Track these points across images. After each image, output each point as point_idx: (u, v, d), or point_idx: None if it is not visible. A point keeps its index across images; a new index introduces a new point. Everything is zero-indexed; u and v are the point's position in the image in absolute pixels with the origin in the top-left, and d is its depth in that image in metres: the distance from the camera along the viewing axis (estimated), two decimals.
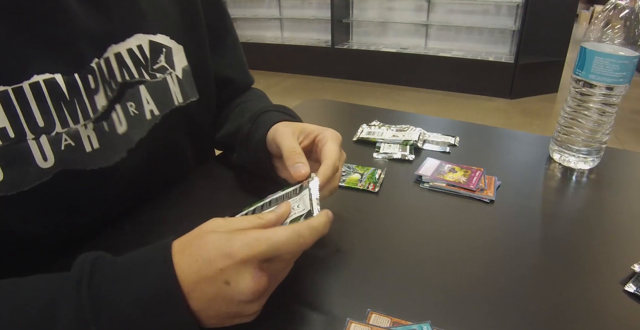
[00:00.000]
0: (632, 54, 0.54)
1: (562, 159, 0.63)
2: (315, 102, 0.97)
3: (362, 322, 0.36)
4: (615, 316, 0.37)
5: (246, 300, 0.30)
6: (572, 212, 0.54)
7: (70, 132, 0.39)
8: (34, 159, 0.37)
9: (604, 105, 0.58)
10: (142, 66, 0.48)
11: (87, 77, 0.40)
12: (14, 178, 0.36)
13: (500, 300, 0.39)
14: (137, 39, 0.47)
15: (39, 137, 0.37)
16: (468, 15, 3.36)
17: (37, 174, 0.37)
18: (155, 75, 0.50)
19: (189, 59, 0.54)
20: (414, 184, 0.58)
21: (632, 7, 0.53)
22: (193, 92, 0.55)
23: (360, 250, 0.45)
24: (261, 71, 3.96)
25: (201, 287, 0.30)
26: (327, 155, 0.43)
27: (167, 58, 0.51)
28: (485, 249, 0.46)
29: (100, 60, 0.42)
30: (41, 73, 0.36)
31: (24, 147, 0.36)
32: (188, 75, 0.54)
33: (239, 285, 0.30)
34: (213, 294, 0.30)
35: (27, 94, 0.35)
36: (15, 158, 0.35)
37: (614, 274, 0.41)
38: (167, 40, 0.51)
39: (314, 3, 3.85)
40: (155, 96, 0.50)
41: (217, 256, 0.30)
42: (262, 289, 0.30)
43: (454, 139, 0.71)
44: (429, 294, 0.39)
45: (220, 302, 0.30)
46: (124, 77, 0.46)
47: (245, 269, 0.30)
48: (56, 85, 0.37)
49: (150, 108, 0.49)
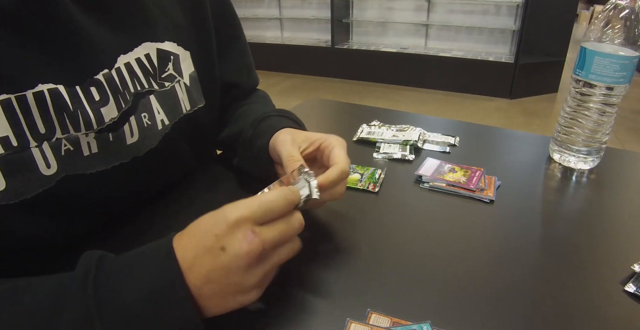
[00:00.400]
0: (632, 54, 0.54)
1: (562, 159, 0.63)
2: (315, 102, 0.97)
3: (362, 322, 0.36)
4: (615, 316, 0.37)
5: (242, 265, 0.30)
6: (572, 212, 0.54)
7: (70, 138, 0.39)
8: (37, 167, 0.37)
9: (604, 105, 0.58)
10: (151, 75, 0.47)
11: (90, 89, 0.40)
12: (17, 187, 0.35)
13: (500, 300, 0.39)
14: (144, 47, 0.46)
15: (41, 144, 0.36)
16: (468, 15, 3.36)
17: (41, 182, 0.37)
18: (164, 84, 0.49)
19: (195, 65, 0.54)
20: (414, 184, 0.58)
21: (632, 7, 0.53)
22: (200, 98, 0.55)
23: (360, 250, 0.45)
24: (261, 71, 3.94)
25: (200, 260, 0.30)
26: (336, 160, 0.43)
27: (175, 66, 0.50)
28: (485, 249, 0.46)
29: (112, 71, 0.42)
30: (45, 83, 0.36)
31: (28, 155, 0.36)
32: (195, 82, 0.54)
33: (234, 249, 0.30)
34: (211, 264, 0.30)
35: (30, 102, 0.35)
36: (18, 167, 0.35)
37: (614, 274, 0.41)
38: (175, 47, 0.50)
39: (314, 3, 3.85)
40: (165, 105, 0.49)
41: (212, 224, 0.31)
42: (256, 252, 0.30)
43: (454, 139, 0.71)
44: (429, 294, 0.39)
45: (219, 273, 0.30)
46: (136, 87, 0.45)
47: (239, 230, 0.30)
48: (59, 95, 0.37)
49: (161, 118, 0.49)
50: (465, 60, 3.29)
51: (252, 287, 0.32)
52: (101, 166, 0.42)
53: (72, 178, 0.40)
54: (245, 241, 0.30)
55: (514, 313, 0.37)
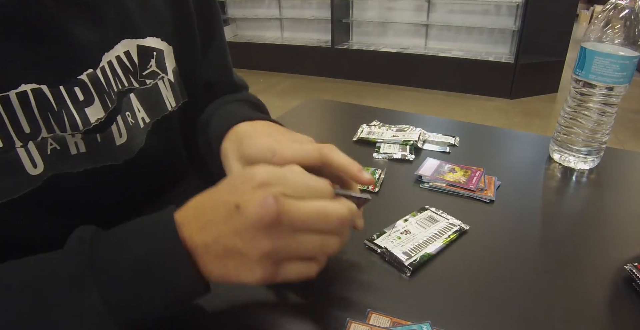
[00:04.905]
0: (632, 54, 0.54)
1: (562, 159, 0.63)
2: (315, 102, 0.97)
3: (362, 322, 0.36)
4: (615, 316, 0.37)
5: (250, 229, 0.28)
6: (572, 212, 0.54)
7: (56, 137, 0.38)
8: (23, 167, 0.36)
9: (604, 105, 0.58)
10: (131, 73, 0.46)
11: (74, 89, 0.39)
12: (3, 187, 0.35)
13: (500, 300, 0.39)
14: (124, 45, 0.45)
15: (26, 144, 0.36)
16: (468, 15, 3.36)
17: (28, 182, 0.37)
18: (145, 81, 0.48)
19: (177, 60, 0.53)
20: (414, 184, 0.58)
21: (632, 7, 0.53)
22: (183, 94, 0.55)
23: (360, 250, 0.45)
24: (261, 71, 3.96)
25: (215, 215, 0.29)
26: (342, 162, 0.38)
27: (158, 62, 0.49)
28: (485, 249, 0.46)
29: (97, 71, 0.41)
30: (29, 83, 0.35)
31: (13, 156, 0.35)
32: (177, 77, 0.53)
33: (247, 209, 0.28)
34: (223, 221, 0.29)
35: (13, 102, 0.34)
36: (4, 167, 0.35)
37: (614, 274, 0.41)
38: (158, 43, 0.49)
39: (314, 3, 3.85)
40: (145, 103, 0.48)
41: (239, 180, 0.30)
42: (267, 219, 0.27)
43: (454, 139, 0.71)
44: (429, 294, 0.39)
45: (226, 232, 0.28)
46: (118, 86, 0.44)
47: (260, 190, 0.28)
48: (43, 96, 0.36)
49: (142, 116, 0.48)
50: (465, 60, 3.29)
51: (255, 262, 0.29)
52: (89, 164, 0.42)
53: (60, 177, 0.39)
54: (260, 204, 0.27)
55: (513, 313, 0.37)
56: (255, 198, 0.28)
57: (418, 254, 0.43)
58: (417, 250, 0.44)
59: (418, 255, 0.43)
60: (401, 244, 0.45)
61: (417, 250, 0.44)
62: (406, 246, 0.44)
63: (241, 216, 0.28)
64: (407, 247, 0.44)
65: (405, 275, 0.41)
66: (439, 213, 0.50)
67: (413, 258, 0.43)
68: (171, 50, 0.52)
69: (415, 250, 0.44)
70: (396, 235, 0.46)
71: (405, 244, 0.45)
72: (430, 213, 0.50)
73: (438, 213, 0.50)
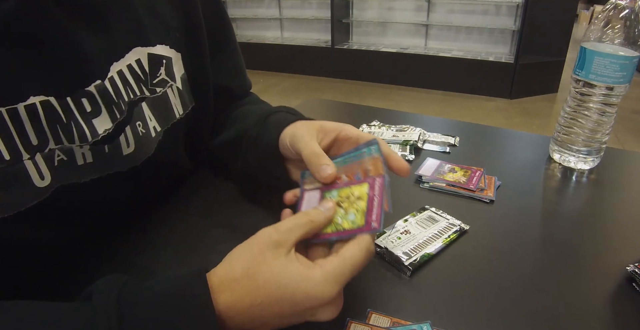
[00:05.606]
0: (632, 54, 0.54)
1: (562, 159, 0.63)
2: (315, 102, 0.97)
3: (362, 322, 0.36)
4: (615, 316, 0.37)
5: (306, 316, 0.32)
6: (572, 212, 0.54)
7: (63, 148, 0.38)
8: (31, 179, 0.36)
9: (604, 105, 0.58)
10: (142, 82, 0.46)
11: (81, 100, 0.38)
12: (10, 200, 0.35)
13: (500, 300, 0.39)
14: (135, 53, 0.45)
15: (34, 156, 0.36)
16: (468, 15, 3.37)
17: (35, 194, 0.36)
18: (155, 89, 0.48)
19: (185, 66, 0.52)
20: (414, 184, 0.58)
21: (632, 7, 0.53)
22: (191, 100, 0.54)
23: None
24: (261, 71, 3.97)
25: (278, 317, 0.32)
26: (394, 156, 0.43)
27: (167, 70, 0.49)
28: (485, 249, 0.46)
29: (105, 82, 0.40)
30: (37, 95, 0.35)
31: (20, 168, 0.35)
32: (185, 84, 0.53)
33: (323, 316, 0.32)
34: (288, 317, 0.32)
35: (22, 115, 0.34)
36: (11, 180, 0.34)
37: (614, 274, 0.41)
38: (167, 50, 0.49)
39: (314, 3, 3.86)
40: (156, 112, 0.48)
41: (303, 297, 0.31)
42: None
43: (454, 139, 0.71)
44: (429, 294, 0.39)
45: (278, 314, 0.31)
46: (129, 95, 0.44)
47: (333, 303, 0.32)
48: (51, 108, 0.36)
49: (153, 125, 0.47)
50: (465, 60, 3.30)
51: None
52: (95, 174, 0.41)
53: (67, 188, 0.39)
54: (336, 310, 0.33)
55: (513, 313, 0.37)
56: (331, 309, 0.32)
57: (418, 254, 0.43)
58: (417, 250, 0.44)
59: (418, 255, 0.43)
60: (401, 244, 0.45)
61: (417, 250, 0.44)
62: (406, 246, 0.44)
63: (312, 316, 0.32)
64: (407, 247, 0.44)
65: (405, 275, 0.41)
66: (439, 213, 0.50)
67: (413, 258, 0.43)
68: (179, 57, 0.51)
69: (415, 250, 0.44)
70: (396, 235, 0.46)
71: (405, 244, 0.45)
72: (430, 213, 0.50)
73: (438, 213, 0.50)
